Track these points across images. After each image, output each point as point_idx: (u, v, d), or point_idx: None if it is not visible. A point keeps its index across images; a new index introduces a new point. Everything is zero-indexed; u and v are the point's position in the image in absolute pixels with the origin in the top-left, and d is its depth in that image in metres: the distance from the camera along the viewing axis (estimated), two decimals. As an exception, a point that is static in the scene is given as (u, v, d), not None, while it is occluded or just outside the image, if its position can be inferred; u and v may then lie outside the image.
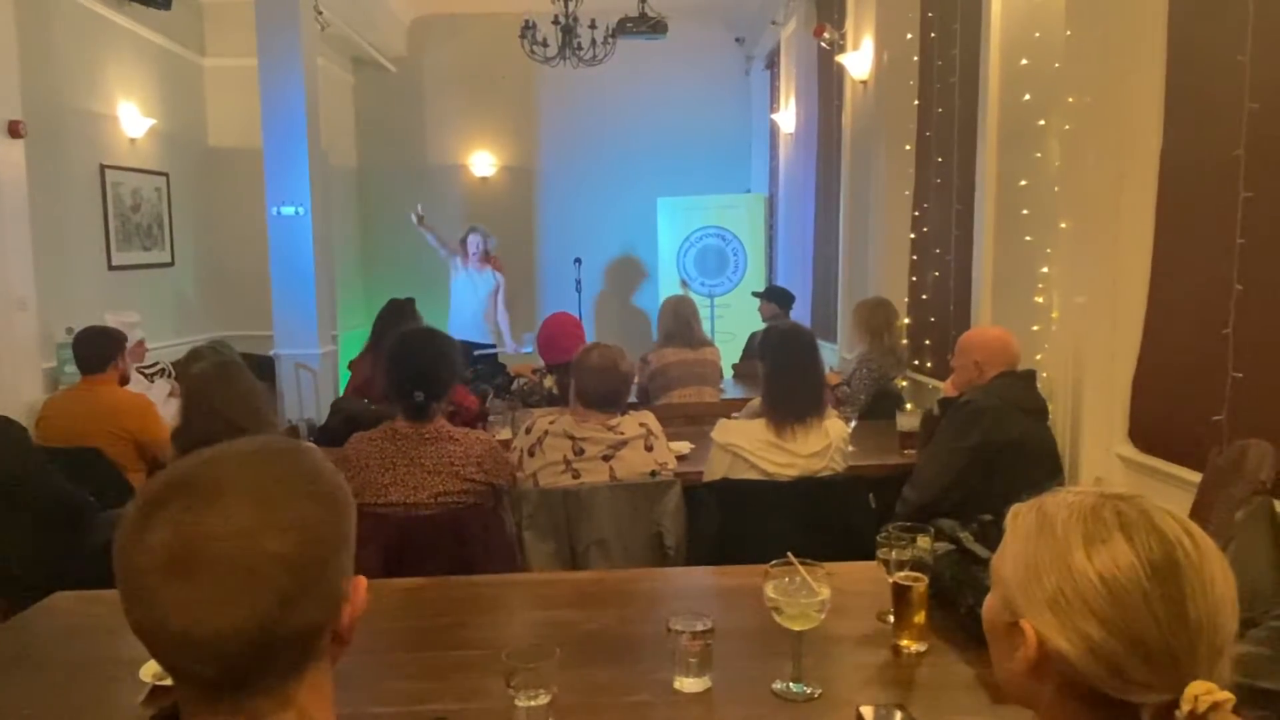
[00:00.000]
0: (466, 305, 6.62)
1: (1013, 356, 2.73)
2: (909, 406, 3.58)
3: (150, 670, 1.52)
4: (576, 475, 2.54)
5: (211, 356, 3.40)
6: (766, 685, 1.53)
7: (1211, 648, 0.80)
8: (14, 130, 4.19)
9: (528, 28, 6.21)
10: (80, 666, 1.70)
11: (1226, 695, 0.77)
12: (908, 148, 4.71)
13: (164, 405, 4.10)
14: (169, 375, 4.81)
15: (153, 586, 0.71)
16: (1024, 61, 3.18)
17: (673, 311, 4.42)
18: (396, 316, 4.17)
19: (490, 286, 6.67)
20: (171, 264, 6.61)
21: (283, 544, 0.73)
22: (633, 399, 4.14)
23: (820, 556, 1.56)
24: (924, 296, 4.53)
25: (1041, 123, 3.02)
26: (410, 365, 2.46)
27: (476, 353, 6.18)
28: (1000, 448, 2.51)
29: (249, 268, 6.81)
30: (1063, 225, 2.82)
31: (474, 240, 6.56)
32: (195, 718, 0.75)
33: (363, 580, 0.82)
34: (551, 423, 2.62)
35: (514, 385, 4.09)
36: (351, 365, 4.29)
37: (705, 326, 4.89)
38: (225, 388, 2.42)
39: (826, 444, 2.56)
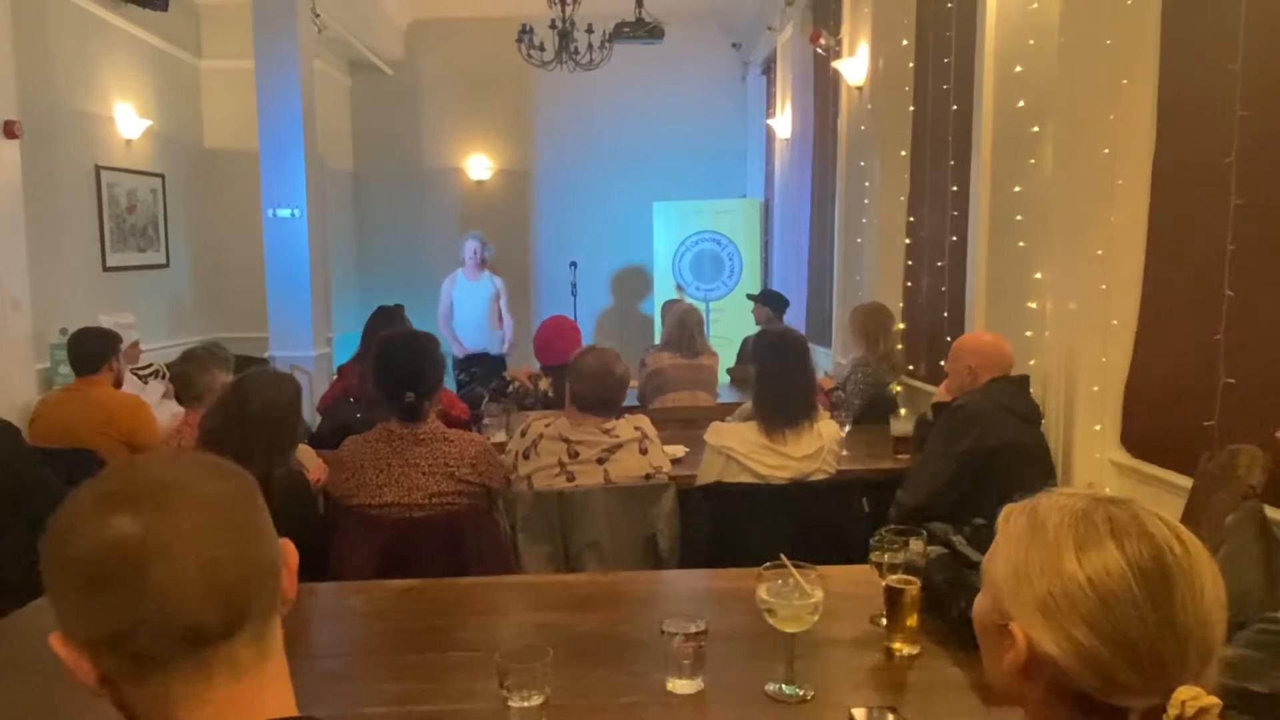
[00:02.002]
0: (470, 315, 6.56)
1: (1006, 362, 2.74)
2: (903, 411, 3.59)
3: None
4: (571, 478, 2.54)
5: (208, 359, 3.39)
6: (759, 687, 1.53)
7: (1200, 653, 0.80)
8: (10, 131, 4.18)
9: (525, 32, 6.22)
10: (73, 667, 1.69)
11: (1213, 700, 0.77)
12: (903, 153, 4.73)
13: (158, 407, 4.09)
14: (163, 377, 4.80)
15: (136, 559, 0.72)
16: (1018, 68, 3.20)
17: (678, 320, 4.42)
18: (386, 323, 4.15)
19: (489, 292, 6.58)
20: (166, 265, 6.60)
21: (228, 485, 0.80)
22: (634, 401, 4.16)
23: (813, 560, 1.57)
24: (919, 302, 4.55)
25: (1035, 129, 3.03)
26: (398, 368, 2.47)
27: (474, 369, 6.17)
28: (993, 452, 2.52)
29: (244, 270, 6.80)
30: (1056, 231, 2.84)
31: (470, 246, 6.49)
32: (185, 697, 0.75)
33: (288, 541, 0.85)
34: (547, 425, 2.62)
35: (509, 389, 4.09)
36: (341, 370, 4.28)
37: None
38: (266, 399, 2.36)
39: (819, 446, 2.57)
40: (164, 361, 4.98)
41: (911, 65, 4.65)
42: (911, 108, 4.65)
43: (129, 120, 6.04)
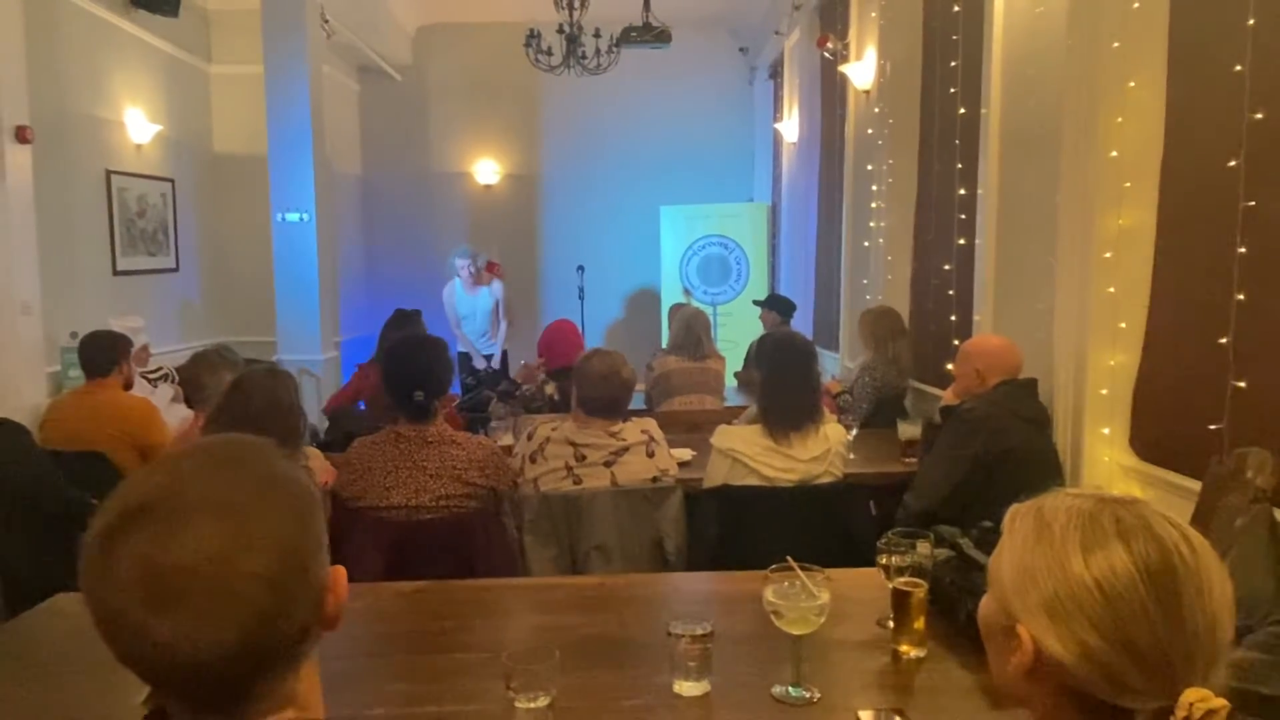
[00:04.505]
0: (471, 329, 6.66)
1: (1014, 365, 2.74)
2: (911, 415, 3.58)
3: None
4: (578, 481, 2.55)
5: (217, 362, 3.41)
6: (766, 689, 1.53)
7: (1207, 655, 0.80)
8: (21, 135, 4.21)
9: (532, 36, 6.24)
10: (82, 666, 1.70)
11: (1221, 702, 0.77)
12: (910, 157, 4.73)
13: (167, 409, 4.11)
14: (172, 380, 4.83)
15: (133, 622, 0.69)
16: (1025, 71, 3.19)
17: (685, 324, 4.43)
18: (404, 325, 4.24)
19: (489, 303, 6.67)
20: (176, 269, 6.63)
21: (259, 563, 0.71)
22: (641, 404, 4.18)
23: (820, 563, 1.57)
24: (926, 305, 4.54)
25: (1043, 132, 3.03)
26: (407, 368, 2.49)
27: (480, 372, 6.24)
28: (1001, 456, 2.52)
29: (253, 274, 6.84)
30: (1064, 234, 2.83)
31: (462, 264, 6.54)
32: None
33: (341, 569, 0.81)
34: (553, 429, 2.63)
35: (516, 391, 4.11)
36: (361, 368, 4.32)
37: (707, 336, 4.90)
38: (266, 394, 2.40)
39: (826, 449, 2.57)
40: (173, 365, 5.01)
41: (919, 69, 4.64)
42: (919, 111, 4.64)
43: (139, 125, 6.08)
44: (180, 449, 0.78)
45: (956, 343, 3.50)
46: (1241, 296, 2.20)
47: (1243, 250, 2.20)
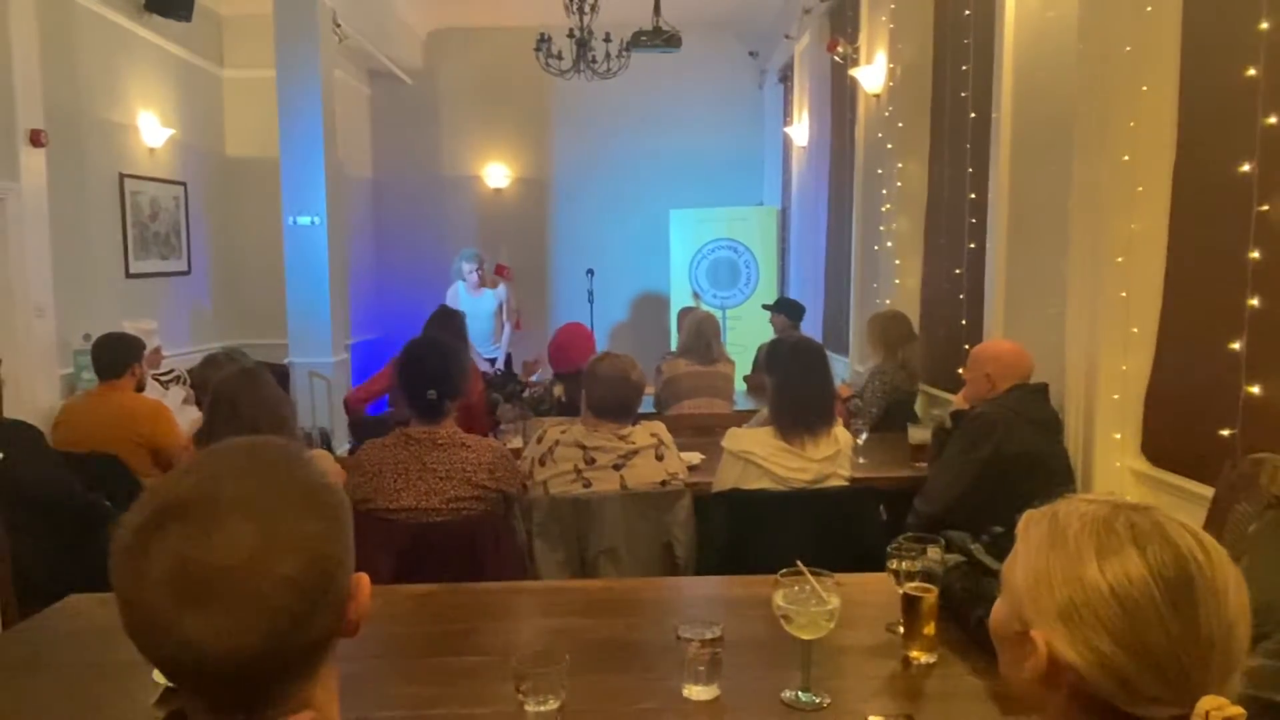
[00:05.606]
0: (476, 327, 6.68)
1: (1025, 369, 2.73)
2: (921, 419, 3.57)
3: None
4: (587, 484, 2.55)
5: (228, 366, 3.43)
6: (775, 694, 1.53)
7: (1223, 662, 0.79)
8: (36, 139, 4.25)
9: (543, 41, 6.26)
10: (94, 668, 1.71)
11: (1238, 710, 0.76)
12: (920, 161, 4.72)
13: (179, 411, 4.14)
14: (184, 382, 4.85)
15: (163, 619, 0.70)
16: (1037, 75, 3.19)
17: (696, 328, 4.44)
18: (446, 322, 4.29)
19: (492, 306, 6.69)
20: (188, 272, 6.67)
21: (290, 567, 0.72)
22: (650, 408, 4.18)
23: (830, 567, 1.57)
24: (936, 309, 4.53)
25: (1054, 136, 3.02)
26: (420, 367, 2.50)
27: (486, 375, 6.26)
28: (1011, 460, 2.51)
29: (264, 277, 6.87)
30: (1076, 238, 2.82)
31: (468, 269, 6.57)
32: None
33: (365, 577, 0.82)
34: (563, 432, 2.63)
35: (524, 394, 4.12)
36: (394, 363, 4.34)
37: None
38: (251, 394, 2.43)
39: (836, 450, 2.57)
40: (185, 367, 5.03)
41: (929, 73, 4.64)
42: (929, 115, 4.64)
43: (152, 129, 6.12)
44: (218, 449, 0.79)
45: (967, 347, 3.49)
46: (1254, 301, 2.19)
47: (1255, 255, 2.19)
